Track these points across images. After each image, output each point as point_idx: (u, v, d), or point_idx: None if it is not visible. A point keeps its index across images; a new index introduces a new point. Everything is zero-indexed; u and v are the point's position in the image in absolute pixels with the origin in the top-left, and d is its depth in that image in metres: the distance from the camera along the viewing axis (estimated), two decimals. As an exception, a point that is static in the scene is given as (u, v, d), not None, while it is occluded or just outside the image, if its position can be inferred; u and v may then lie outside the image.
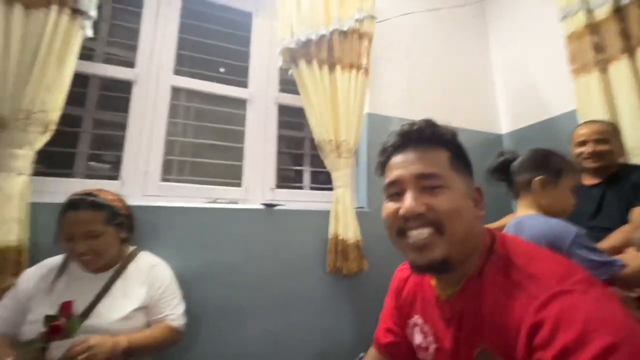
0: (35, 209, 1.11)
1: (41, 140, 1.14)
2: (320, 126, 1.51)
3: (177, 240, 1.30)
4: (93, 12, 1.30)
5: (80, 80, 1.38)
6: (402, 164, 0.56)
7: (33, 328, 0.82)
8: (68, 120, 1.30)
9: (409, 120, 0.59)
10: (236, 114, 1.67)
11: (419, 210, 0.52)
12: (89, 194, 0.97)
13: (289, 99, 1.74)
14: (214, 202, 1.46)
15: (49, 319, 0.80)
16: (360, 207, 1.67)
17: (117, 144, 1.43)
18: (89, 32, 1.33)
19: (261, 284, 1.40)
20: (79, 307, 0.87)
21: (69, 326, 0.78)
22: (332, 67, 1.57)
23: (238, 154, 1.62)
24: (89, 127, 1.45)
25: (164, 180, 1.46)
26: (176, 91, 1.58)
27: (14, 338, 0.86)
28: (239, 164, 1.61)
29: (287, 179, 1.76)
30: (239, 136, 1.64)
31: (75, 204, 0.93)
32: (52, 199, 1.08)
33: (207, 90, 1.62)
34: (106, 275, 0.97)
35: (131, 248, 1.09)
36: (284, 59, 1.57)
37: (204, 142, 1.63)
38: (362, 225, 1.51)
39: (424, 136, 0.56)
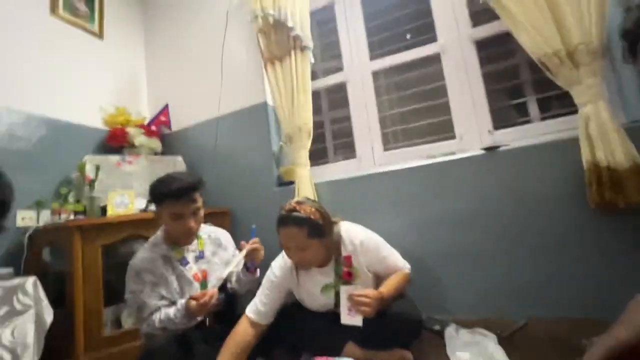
0: (317, 186, 1.69)
1: (309, 142, 1.72)
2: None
3: (403, 198, 1.53)
4: (311, 44, 1.79)
5: (314, 95, 1.92)
6: None
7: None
8: (315, 125, 1.85)
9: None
10: (434, 71, 1.69)
11: None
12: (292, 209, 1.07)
13: (485, 31, 1.56)
14: (431, 158, 1.57)
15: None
16: (635, 122, 1.21)
17: (349, 132, 1.87)
18: (312, 59, 1.83)
19: (496, 226, 1.37)
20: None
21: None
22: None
23: (446, 108, 1.64)
24: (329, 126, 1.99)
25: (386, 149, 1.75)
26: (376, 74, 1.83)
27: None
28: (448, 118, 1.62)
29: (508, 117, 1.57)
30: (443, 91, 1.65)
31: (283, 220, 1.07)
32: (322, 180, 1.68)
33: (401, 61, 1.76)
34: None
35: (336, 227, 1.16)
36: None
37: (408, 109, 1.77)
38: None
39: None
